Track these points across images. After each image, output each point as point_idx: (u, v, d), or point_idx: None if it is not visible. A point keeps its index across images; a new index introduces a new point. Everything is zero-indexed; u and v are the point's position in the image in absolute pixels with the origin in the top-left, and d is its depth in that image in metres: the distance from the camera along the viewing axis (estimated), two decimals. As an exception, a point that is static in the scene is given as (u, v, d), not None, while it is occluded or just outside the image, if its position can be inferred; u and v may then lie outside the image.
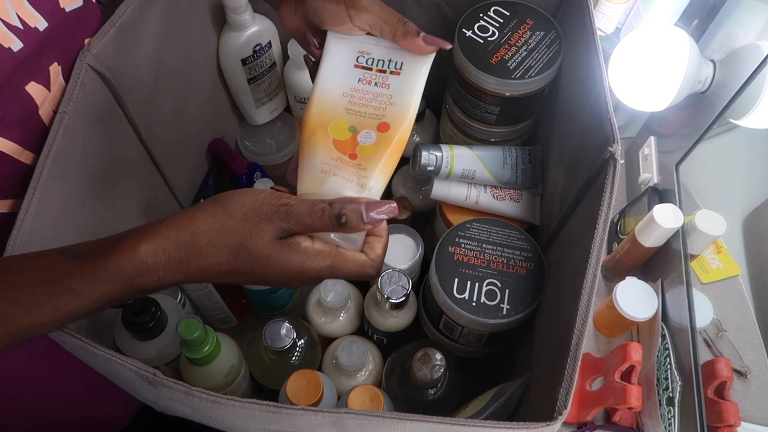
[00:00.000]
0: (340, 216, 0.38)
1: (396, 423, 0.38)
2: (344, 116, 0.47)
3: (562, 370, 0.40)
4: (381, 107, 0.48)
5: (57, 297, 0.35)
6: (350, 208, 0.39)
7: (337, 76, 0.49)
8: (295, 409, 0.38)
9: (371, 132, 0.47)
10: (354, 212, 0.39)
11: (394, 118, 0.47)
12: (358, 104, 0.48)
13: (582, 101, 0.55)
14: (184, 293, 0.69)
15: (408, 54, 0.50)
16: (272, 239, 0.38)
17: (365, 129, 0.47)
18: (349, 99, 0.48)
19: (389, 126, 0.47)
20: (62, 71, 0.50)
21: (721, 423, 0.58)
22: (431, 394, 0.60)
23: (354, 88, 0.49)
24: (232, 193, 0.39)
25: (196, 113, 0.72)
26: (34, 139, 0.48)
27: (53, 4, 0.48)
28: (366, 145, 0.46)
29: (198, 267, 0.37)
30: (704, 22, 0.76)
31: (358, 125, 0.47)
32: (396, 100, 0.48)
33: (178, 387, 0.39)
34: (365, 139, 0.46)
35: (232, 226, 0.37)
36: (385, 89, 0.49)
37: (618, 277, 0.76)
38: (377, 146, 0.46)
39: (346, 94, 0.48)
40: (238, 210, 0.38)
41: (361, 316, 0.68)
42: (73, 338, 0.40)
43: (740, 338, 0.66)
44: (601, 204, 0.45)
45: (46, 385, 0.65)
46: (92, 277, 0.35)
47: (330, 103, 0.48)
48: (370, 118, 0.47)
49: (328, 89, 0.49)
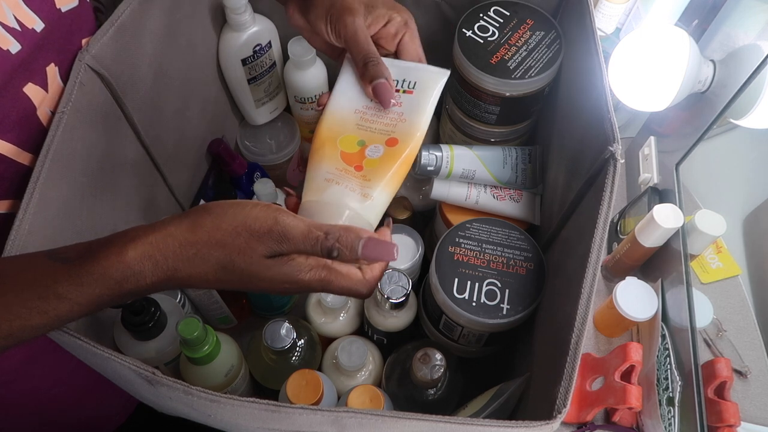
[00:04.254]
0: (331, 250, 0.38)
1: (395, 422, 0.38)
2: (354, 131, 0.48)
3: (562, 368, 0.40)
4: (392, 124, 0.49)
5: (44, 301, 0.35)
6: (345, 242, 0.38)
7: (351, 94, 0.51)
8: (295, 408, 0.38)
9: (379, 146, 0.48)
10: (349, 248, 0.38)
11: (404, 133, 0.48)
12: (369, 121, 0.49)
13: (582, 101, 0.55)
14: (183, 293, 0.69)
15: (422, 74, 0.51)
16: (261, 257, 0.38)
17: (374, 143, 0.48)
18: (360, 116, 0.49)
19: (398, 141, 0.48)
20: (59, 72, 0.50)
21: (721, 423, 0.58)
22: (431, 394, 0.59)
23: (367, 106, 0.50)
24: (225, 205, 0.38)
25: (196, 113, 0.72)
26: (32, 141, 0.48)
27: (49, 4, 0.48)
28: (373, 158, 0.47)
29: (185, 275, 0.37)
30: (704, 22, 0.76)
31: (368, 140, 0.48)
32: (407, 117, 0.49)
33: (177, 386, 0.39)
34: (373, 152, 0.47)
35: (221, 240, 0.37)
36: (397, 107, 0.50)
37: (618, 277, 0.76)
38: (384, 159, 0.47)
39: (359, 111, 0.50)
40: (229, 224, 0.37)
41: (361, 316, 0.68)
42: (72, 337, 0.40)
43: (740, 338, 0.66)
44: (601, 204, 0.45)
45: (45, 384, 0.65)
46: (79, 282, 0.35)
47: (342, 119, 0.49)
48: (379, 134, 0.48)
49: (341, 106, 0.50)
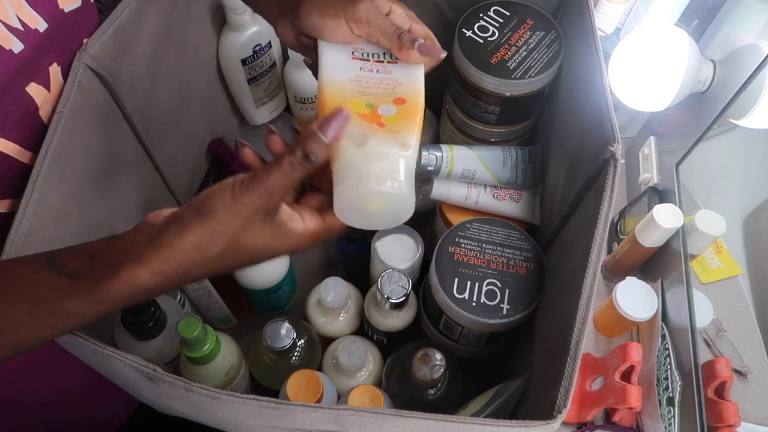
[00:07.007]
0: (308, 157, 0.38)
1: (396, 420, 0.38)
2: (358, 97, 0.46)
3: (562, 369, 0.40)
4: (390, 87, 0.47)
5: (54, 316, 0.36)
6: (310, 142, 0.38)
7: (339, 67, 0.49)
8: (295, 406, 0.38)
9: (390, 106, 0.46)
10: (316, 143, 0.38)
11: (407, 92, 0.47)
12: (367, 87, 0.47)
13: (582, 101, 0.55)
14: (183, 293, 0.69)
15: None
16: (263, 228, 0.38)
17: (383, 104, 0.46)
18: (357, 83, 0.47)
19: (405, 100, 0.46)
20: (62, 72, 0.50)
21: (721, 423, 0.58)
22: (431, 394, 0.59)
23: (359, 75, 0.48)
24: (207, 196, 0.38)
25: (196, 113, 0.72)
26: (34, 140, 0.48)
27: (52, 4, 0.48)
28: (390, 115, 0.45)
29: (195, 275, 0.38)
30: (704, 22, 0.76)
31: (375, 102, 0.46)
32: (402, 81, 0.48)
33: (178, 383, 0.39)
34: (386, 111, 0.45)
35: (223, 231, 0.37)
36: (388, 75, 0.48)
37: (618, 277, 0.76)
38: (402, 115, 0.45)
39: (353, 80, 0.48)
40: (222, 211, 0.37)
41: (361, 316, 0.68)
42: (73, 336, 0.40)
43: (740, 338, 0.66)
44: (601, 204, 0.44)
45: (46, 385, 0.65)
46: (89, 300, 0.36)
47: (340, 88, 0.47)
48: (383, 97, 0.47)
49: (335, 77, 0.48)
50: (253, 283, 0.67)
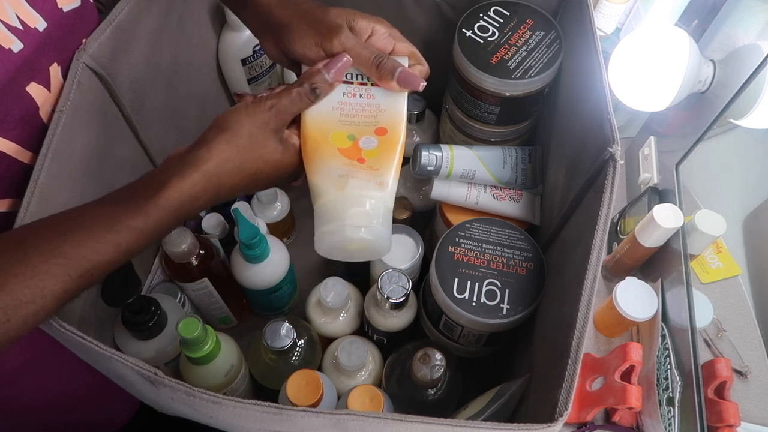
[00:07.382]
0: (314, 89, 0.47)
1: (397, 425, 0.38)
2: (340, 127, 0.48)
3: (563, 371, 0.40)
4: (372, 115, 0.49)
5: (118, 234, 0.39)
6: (318, 79, 0.47)
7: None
8: (296, 410, 0.38)
9: (371, 137, 0.48)
10: (321, 79, 0.47)
11: (389, 121, 0.48)
12: (349, 115, 0.49)
13: (582, 101, 0.55)
14: (183, 293, 0.69)
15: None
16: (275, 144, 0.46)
17: (364, 136, 0.48)
18: (339, 111, 0.49)
19: (387, 130, 0.48)
20: (61, 71, 0.50)
21: (721, 423, 0.58)
22: (431, 394, 0.59)
23: (341, 102, 0.49)
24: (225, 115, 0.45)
25: (196, 113, 0.72)
26: (34, 140, 0.48)
27: (51, 4, 0.48)
28: (370, 149, 0.47)
29: (228, 187, 0.44)
30: (704, 22, 0.76)
31: (357, 133, 0.48)
32: (385, 107, 0.49)
33: (180, 387, 0.39)
34: (367, 144, 0.47)
35: (247, 146, 0.44)
36: (371, 99, 0.49)
37: (618, 277, 0.76)
38: (382, 149, 0.47)
39: (335, 107, 0.49)
40: (245, 129, 0.44)
41: (361, 316, 0.68)
42: (75, 336, 0.40)
43: (740, 338, 0.66)
44: (601, 204, 0.44)
45: (47, 385, 0.65)
46: (146, 213, 0.40)
47: (323, 117, 0.49)
48: (365, 126, 0.48)
49: (318, 105, 0.49)
50: (253, 283, 0.67)
